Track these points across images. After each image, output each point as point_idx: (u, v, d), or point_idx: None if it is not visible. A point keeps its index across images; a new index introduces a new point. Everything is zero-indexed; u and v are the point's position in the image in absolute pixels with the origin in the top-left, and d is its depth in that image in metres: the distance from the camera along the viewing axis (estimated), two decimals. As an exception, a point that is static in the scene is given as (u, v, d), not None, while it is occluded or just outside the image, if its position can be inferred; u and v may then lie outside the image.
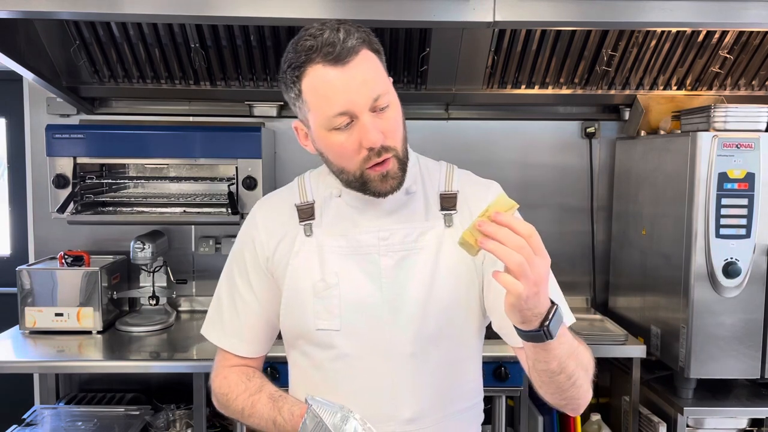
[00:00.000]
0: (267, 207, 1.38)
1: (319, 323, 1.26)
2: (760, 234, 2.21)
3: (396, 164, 1.19)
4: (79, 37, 2.59)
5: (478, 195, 1.29)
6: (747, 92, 2.86)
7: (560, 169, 3.00)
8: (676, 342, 2.31)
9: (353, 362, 1.26)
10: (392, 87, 1.20)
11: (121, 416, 2.63)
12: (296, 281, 1.28)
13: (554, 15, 2.09)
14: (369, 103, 1.14)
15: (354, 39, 1.13)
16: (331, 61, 1.13)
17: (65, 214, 2.54)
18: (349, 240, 1.27)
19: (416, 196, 1.29)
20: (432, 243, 1.26)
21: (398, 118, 1.19)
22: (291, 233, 1.31)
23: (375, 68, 1.17)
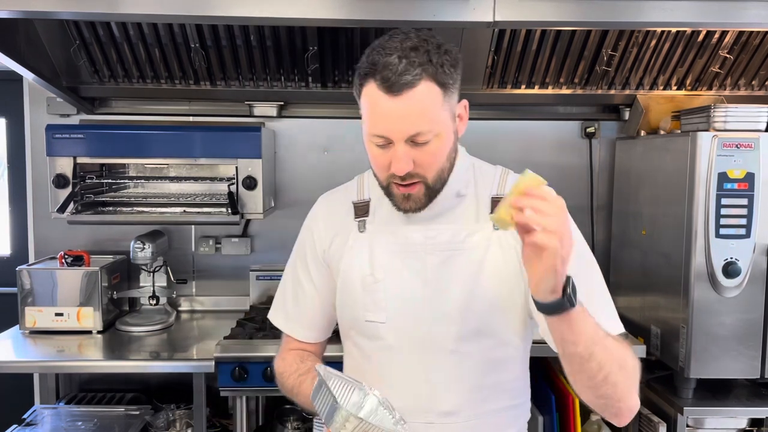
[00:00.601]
0: (327, 202, 1.48)
1: (367, 315, 1.33)
2: (760, 234, 2.21)
3: (422, 190, 1.25)
4: (79, 37, 2.59)
5: None
6: (747, 92, 2.86)
7: (560, 168, 3.00)
8: (676, 342, 2.31)
9: (396, 354, 1.31)
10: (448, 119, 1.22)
11: (121, 416, 2.63)
12: (348, 274, 1.36)
13: (554, 15, 2.09)
14: (405, 136, 1.18)
15: (414, 73, 1.16)
16: (384, 88, 1.17)
17: (65, 214, 2.54)
18: (398, 237, 1.33)
19: (467, 199, 1.34)
20: (479, 244, 1.30)
21: (438, 152, 1.22)
22: (346, 228, 1.39)
23: (426, 105, 1.18)
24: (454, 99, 1.24)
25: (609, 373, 1.15)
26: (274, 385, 2.30)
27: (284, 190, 2.97)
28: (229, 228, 2.93)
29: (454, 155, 1.28)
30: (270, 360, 2.28)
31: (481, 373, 1.31)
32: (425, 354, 1.30)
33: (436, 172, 1.24)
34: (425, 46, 1.18)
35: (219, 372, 2.29)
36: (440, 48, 1.20)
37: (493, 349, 1.30)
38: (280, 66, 2.74)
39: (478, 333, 1.28)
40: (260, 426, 2.78)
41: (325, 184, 3.11)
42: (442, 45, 1.21)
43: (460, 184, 1.32)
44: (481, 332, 1.29)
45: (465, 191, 1.33)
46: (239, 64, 2.72)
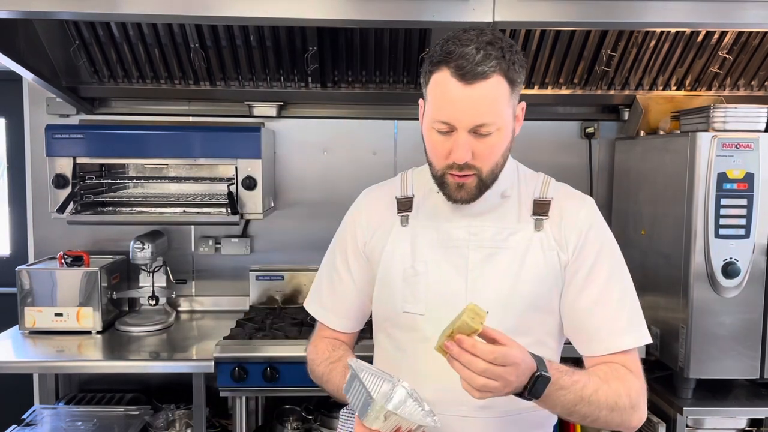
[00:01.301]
0: (371, 196, 1.51)
1: (406, 306, 1.36)
2: (760, 234, 2.21)
3: (475, 182, 1.28)
4: (79, 37, 2.59)
5: (571, 206, 1.39)
6: (746, 92, 2.87)
7: (560, 169, 2.95)
8: (676, 342, 2.31)
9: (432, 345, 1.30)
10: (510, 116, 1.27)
11: (121, 416, 2.63)
12: (389, 266, 1.39)
13: (554, 15, 2.09)
14: (470, 125, 1.23)
15: (489, 64, 1.20)
16: (458, 75, 1.21)
17: (65, 214, 2.53)
18: (440, 233, 1.36)
19: (511, 200, 1.38)
20: (520, 244, 1.34)
21: (498, 146, 1.26)
22: (388, 222, 1.42)
23: (495, 98, 1.22)
24: (517, 98, 1.29)
25: (597, 419, 1.24)
26: (273, 385, 2.32)
27: (284, 191, 2.97)
28: (228, 228, 2.93)
29: (507, 154, 1.33)
30: (269, 360, 2.29)
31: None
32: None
33: (491, 166, 1.28)
34: (500, 43, 1.23)
35: (218, 372, 2.29)
36: (512, 47, 1.25)
37: (528, 348, 1.29)
38: (279, 66, 2.74)
39: (515, 330, 1.28)
40: (260, 426, 2.78)
41: (325, 184, 3.13)
42: (514, 45, 1.26)
43: (506, 185, 1.37)
44: (518, 330, 1.29)
45: (510, 192, 1.38)
46: (239, 65, 2.72)
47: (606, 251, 1.37)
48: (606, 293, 1.34)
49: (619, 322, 1.33)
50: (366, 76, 2.78)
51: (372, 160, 2.90)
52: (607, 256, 1.36)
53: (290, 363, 2.29)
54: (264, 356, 2.29)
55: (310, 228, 2.95)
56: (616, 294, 1.35)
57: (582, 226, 1.36)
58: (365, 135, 2.92)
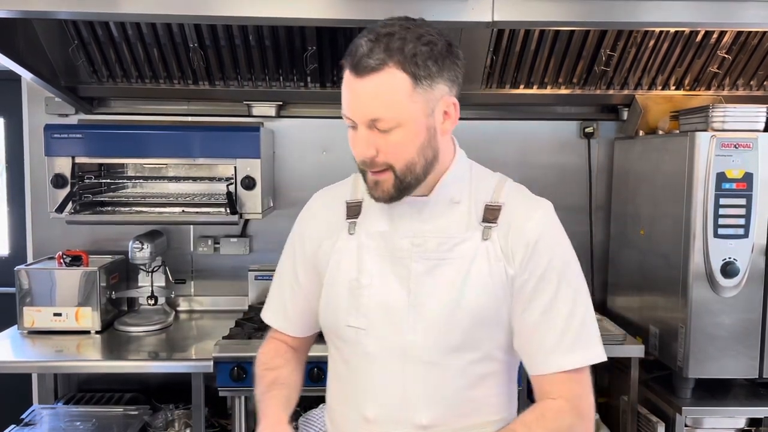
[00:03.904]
0: (321, 200, 1.45)
1: (349, 320, 1.29)
2: (759, 234, 2.21)
3: (391, 179, 1.21)
4: (78, 36, 2.59)
5: (522, 215, 1.27)
6: (745, 92, 2.87)
7: (559, 169, 3.01)
8: (675, 342, 2.31)
9: (374, 362, 1.27)
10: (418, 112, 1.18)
11: (120, 416, 2.63)
12: (335, 278, 1.33)
13: (553, 15, 2.09)
14: (364, 120, 1.18)
15: (376, 57, 1.14)
16: (351, 68, 1.17)
17: (64, 214, 2.53)
18: (386, 242, 1.29)
19: (461, 205, 1.29)
20: (466, 254, 1.25)
21: (403, 143, 1.19)
22: (337, 229, 1.35)
23: (389, 92, 1.16)
24: (432, 93, 1.18)
25: None
26: (272, 385, 2.32)
27: (283, 190, 2.97)
28: (227, 228, 2.93)
29: (430, 153, 1.22)
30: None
31: (462, 387, 1.26)
32: (404, 364, 1.25)
33: (403, 163, 1.20)
34: (403, 34, 1.16)
35: (218, 372, 2.28)
36: (421, 39, 1.16)
37: (475, 364, 1.26)
38: (278, 66, 2.74)
39: (461, 346, 1.24)
40: (259, 426, 2.77)
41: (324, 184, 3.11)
42: (425, 36, 1.17)
43: (455, 190, 1.28)
44: (464, 345, 1.24)
45: (459, 197, 1.29)
46: (238, 64, 2.71)
47: (556, 263, 1.25)
48: (553, 309, 1.23)
49: (565, 339, 1.23)
50: (365, 75, 2.78)
51: (371, 160, 2.89)
52: (557, 269, 1.24)
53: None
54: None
55: (310, 228, 2.94)
56: (565, 309, 1.24)
57: (530, 238, 1.24)
58: (364, 135, 2.92)
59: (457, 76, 1.23)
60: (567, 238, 1.31)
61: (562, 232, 1.31)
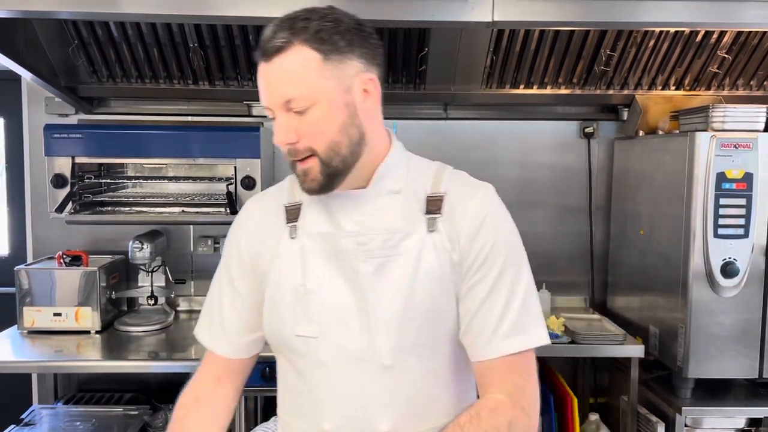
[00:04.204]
0: (256, 206, 1.38)
1: (298, 329, 1.23)
2: (759, 234, 2.21)
3: (317, 166, 1.18)
4: (78, 36, 2.59)
5: (463, 198, 1.23)
6: (745, 92, 2.87)
7: (559, 169, 3.01)
8: (675, 342, 2.31)
9: (330, 371, 1.22)
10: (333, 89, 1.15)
11: (120, 416, 2.63)
12: (278, 284, 1.26)
13: (553, 15, 2.09)
14: (279, 104, 1.15)
15: (280, 36, 1.12)
16: (261, 55, 1.15)
17: (63, 214, 2.53)
18: (330, 244, 1.23)
19: (401, 197, 1.24)
20: (413, 248, 1.20)
21: (322, 122, 1.15)
22: (277, 234, 1.29)
23: (297, 69, 1.13)
24: (345, 69, 1.15)
25: None
26: (272, 385, 2.31)
27: (283, 190, 2.97)
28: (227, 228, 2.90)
29: (354, 132, 1.18)
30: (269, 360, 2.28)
31: (422, 388, 1.22)
32: (361, 370, 1.20)
33: (325, 144, 1.16)
34: (306, 15, 1.15)
35: (217, 372, 2.28)
36: (326, 17, 1.15)
37: (433, 362, 1.22)
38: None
39: (416, 345, 1.20)
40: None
41: (324, 184, 3.10)
42: (329, 15, 1.16)
43: (393, 180, 1.24)
44: (420, 344, 1.20)
45: (398, 187, 1.24)
46: (238, 64, 2.71)
47: (500, 246, 1.20)
48: (493, 294, 1.19)
49: (505, 324, 1.18)
50: (365, 75, 2.78)
51: (371, 160, 2.89)
52: (501, 253, 1.20)
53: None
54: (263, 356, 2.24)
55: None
56: (506, 292, 1.19)
57: (473, 220, 1.20)
58: (364, 135, 2.92)
59: (372, 53, 1.21)
60: (511, 219, 1.26)
61: (506, 213, 1.26)
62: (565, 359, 2.90)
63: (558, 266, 2.97)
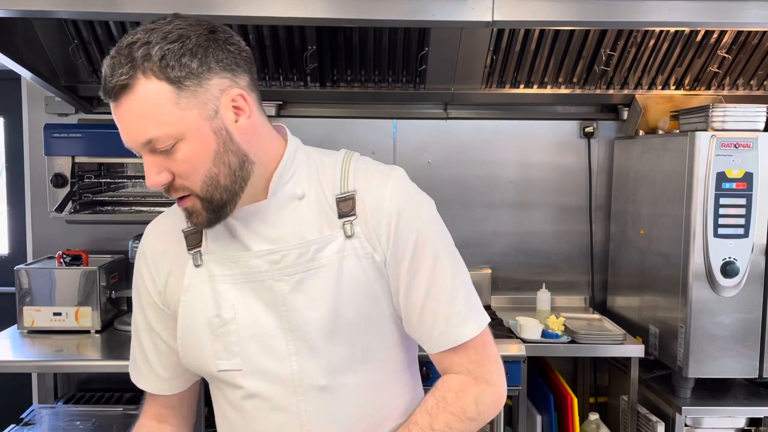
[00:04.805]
0: (154, 235, 1.24)
1: (220, 363, 1.14)
2: (759, 233, 2.21)
3: (198, 204, 1.06)
4: (78, 36, 2.59)
5: (375, 192, 1.13)
6: (745, 92, 2.87)
7: (559, 168, 3.01)
8: (675, 341, 2.31)
9: (262, 401, 1.14)
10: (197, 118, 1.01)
11: (120, 416, 2.62)
12: (190, 319, 1.15)
13: (553, 14, 2.09)
14: (140, 146, 1.03)
15: (120, 73, 0.98)
16: (106, 95, 1.02)
17: (63, 214, 2.53)
18: (241, 266, 1.12)
19: (308, 201, 1.12)
20: (332, 259, 1.10)
21: (192, 158, 1.02)
22: (180, 264, 1.17)
23: (149, 108, 0.99)
24: (205, 93, 1.01)
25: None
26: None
27: (283, 190, 2.97)
28: (227, 227, 2.93)
29: (233, 159, 1.05)
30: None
31: (364, 402, 1.16)
32: (296, 396, 1.12)
33: (200, 180, 1.04)
34: (144, 39, 0.99)
35: (217, 371, 2.28)
36: (167, 37, 1.00)
37: (372, 373, 1.15)
38: (278, 65, 2.74)
39: (351, 360, 1.12)
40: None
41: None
42: (172, 33, 1.01)
43: (294, 184, 1.12)
44: (356, 358, 1.13)
45: (302, 190, 1.13)
46: (238, 64, 2.71)
47: (425, 235, 1.12)
48: (435, 283, 1.12)
49: (455, 310, 1.13)
50: (365, 75, 2.78)
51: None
52: (428, 241, 1.12)
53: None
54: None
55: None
56: (447, 280, 1.13)
57: (390, 218, 1.10)
58: (364, 134, 2.92)
59: (234, 61, 1.06)
60: (427, 200, 1.17)
61: (420, 196, 1.17)
62: (565, 359, 2.90)
63: (558, 266, 2.97)
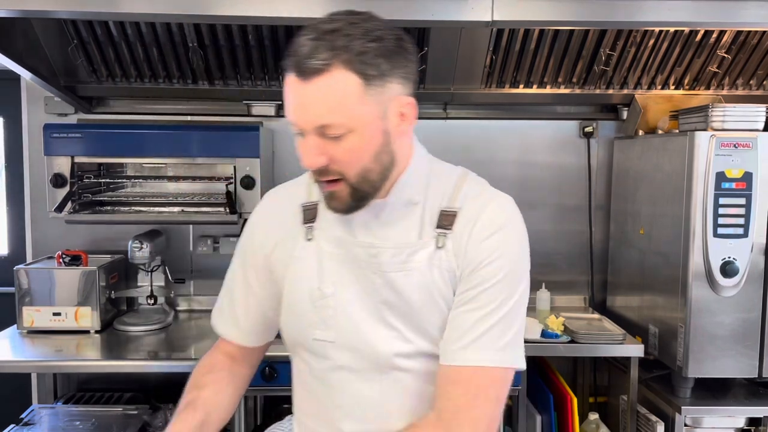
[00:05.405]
0: (273, 202, 1.36)
1: (315, 333, 1.23)
2: (758, 233, 2.21)
3: (345, 190, 1.14)
4: (77, 36, 2.59)
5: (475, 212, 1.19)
6: (745, 92, 2.87)
7: (558, 168, 3.01)
8: (674, 341, 2.31)
9: (347, 374, 1.22)
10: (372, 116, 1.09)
11: (119, 416, 2.62)
12: (295, 288, 1.25)
13: (552, 14, 2.09)
14: (312, 127, 1.09)
15: (320, 57, 1.04)
16: (294, 71, 1.08)
17: (63, 214, 2.53)
18: (345, 249, 1.22)
19: (417, 208, 1.21)
20: (423, 264, 1.18)
21: (357, 150, 1.10)
22: (292, 234, 1.27)
23: (338, 96, 1.06)
24: (385, 93, 1.10)
25: None
26: (272, 385, 2.32)
27: (282, 190, 2.97)
28: (227, 227, 2.92)
29: (387, 158, 1.14)
30: (268, 360, 2.29)
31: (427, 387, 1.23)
32: (379, 374, 1.21)
33: (357, 171, 1.12)
34: (348, 30, 1.06)
35: (217, 371, 2.28)
36: (369, 34, 1.06)
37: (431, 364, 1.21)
38: (277, 65, 2.74)
39: (424, 349, 1.21)
40: (258, 425, 2.77)
41: (324, 183, 3.10)
42: (373, 32, 1.08)
43: (413, 191, 1.21)
44: (426, 348, 1.21)
45: (417, 198, 1.21)
46: (237, 64, 2.71)
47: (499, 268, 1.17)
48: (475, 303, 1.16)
49: (473, 333, 1.15)
50: (364, 75, 2.78)
51: (370, 160, 2.89)
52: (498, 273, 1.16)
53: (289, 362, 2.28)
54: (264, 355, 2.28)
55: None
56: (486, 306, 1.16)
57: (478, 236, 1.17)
58: (364, 134, 2.92)
59: (410, 72, 1.14)
60: (522, 236, 1.22)
61: (517, 232, 1.22)
62: (565, 359, 2.90)
63: (558, 265, 2.97)
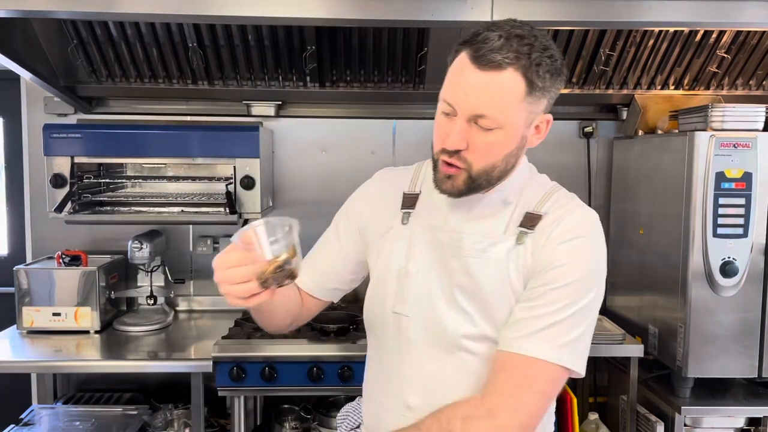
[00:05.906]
0: (382, 182, 1.47)
1: (396, 306, 1.34)
2: (758, 233, 2.21)
3: (463, 178, 1.23)
4: (77, 36, 2.59)
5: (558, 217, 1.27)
6: (744, 92, 2.87)
7: (558, 168, 2.94)
8: (674, 341, 2.31)
9: (416, 348, 1.32)
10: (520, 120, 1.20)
11: (119, 416, 2.63)
12: (385, 263, 1.37)
13: (552, 14, 2.09)
14: (470, 113, 1.18)
15: (505, 54, 1.14)
16: (473, 57, 1.17)
17: (63, 214, 2.53)
18: (433, 235, 1.33)
19: (509, 207, 1.31)
20: (501, 256, 1.27)
21: (497, 145, 1.20)
22: (386, 215, 1.40)
23: (504, 92, 1.16)
24: (538, 106, 1.22)
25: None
26: (272, 385, 2.32)
27: (282, 190, 2.97)
28: (226, 228, 2.93)
29: (512, 161, 1.27)
30: (268, 360, 2.29)
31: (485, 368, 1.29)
32: (447, 353, 1.30)
33: (484, 164, 1.22)
34: (531, 41, 1.17)
35: (217, 372, 2.28)
36: (546, 50, 1.18)
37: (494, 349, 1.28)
38: (277, 65, 2.74)
39: (485, 336, 1.28)
40: (258, 426, 2.78)
41: (323, 183, 3.12)
42: (549, 49, 1.19)
43: (510, 192, 1.31)
44: (487, 336, 1.28)
45: (512, 200, 1.32)
46: (237, 64, 2.71)
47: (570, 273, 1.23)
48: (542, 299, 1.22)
49: (534, 325, 1.21)
50: (364, 75, 2.78)
51: (370, 160, 2.89)
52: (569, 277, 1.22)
53: (288, 363, 2.29)
54: (262, 356, 2.29)
55: (309, 227, 2.89)
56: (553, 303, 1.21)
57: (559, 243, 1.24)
58: (363, 134, 2.92)
59: (558, 94, 1.27)
60: (599, 255, 1.28)
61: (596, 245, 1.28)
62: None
63: (557, 266, 2.97)
